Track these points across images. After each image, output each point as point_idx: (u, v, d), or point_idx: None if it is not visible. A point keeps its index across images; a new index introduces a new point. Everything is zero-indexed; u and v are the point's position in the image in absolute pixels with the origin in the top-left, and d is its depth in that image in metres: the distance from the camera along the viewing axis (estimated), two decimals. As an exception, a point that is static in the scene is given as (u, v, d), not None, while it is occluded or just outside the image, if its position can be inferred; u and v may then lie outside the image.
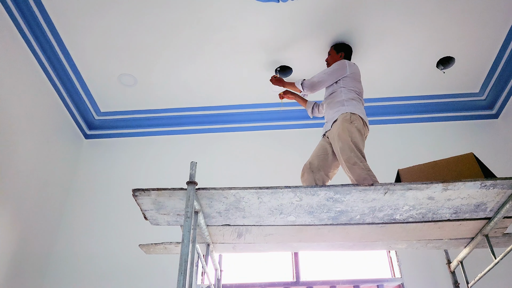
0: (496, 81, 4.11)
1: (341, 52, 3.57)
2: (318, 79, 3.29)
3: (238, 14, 3.51)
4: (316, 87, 3.30)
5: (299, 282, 3.59)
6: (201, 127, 4.58)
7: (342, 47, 3.62)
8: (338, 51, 3.59)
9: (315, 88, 3.31)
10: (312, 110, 3.57)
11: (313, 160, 3.04)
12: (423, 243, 2.80)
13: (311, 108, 3.58)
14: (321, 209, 2.37)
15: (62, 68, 3.95)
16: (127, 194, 3.59)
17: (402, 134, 4.37)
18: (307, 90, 3.35)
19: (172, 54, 3.88)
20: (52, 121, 4.04)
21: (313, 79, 3.31)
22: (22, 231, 3.52)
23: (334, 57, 3.56)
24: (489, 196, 2.27)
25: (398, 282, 3.53)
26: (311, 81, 3.31)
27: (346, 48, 3.64)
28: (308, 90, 3.34)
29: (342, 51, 3.58)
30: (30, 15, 3.46)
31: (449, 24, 3.61)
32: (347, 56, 3.59)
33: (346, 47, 3.66)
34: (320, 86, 3.29)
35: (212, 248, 2.76)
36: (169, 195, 2.20)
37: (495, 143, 4.17)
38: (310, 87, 3.32)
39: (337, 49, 3.60)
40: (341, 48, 3.61)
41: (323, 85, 3.29)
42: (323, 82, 3.27)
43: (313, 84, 3.30)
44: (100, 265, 3.74)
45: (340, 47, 3.62)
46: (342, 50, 3.59)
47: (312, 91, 3.35)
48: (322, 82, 3.28)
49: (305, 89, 3.35)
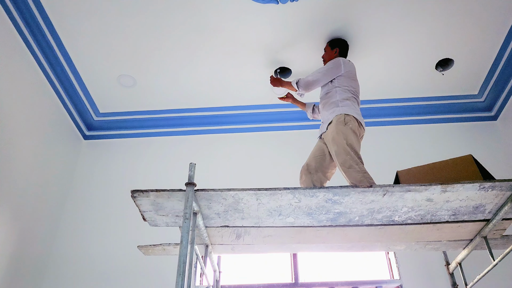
0: (495, 83, 4.12)
1: (336, 47, 3.53)
2: (313, 78, 3.28)
3: (237, 15, 3.51)
4: (311, 86, 3.29)
5: (297, 283, 3.59)
6: (200, 128, 4.58)
7: (336, 43, 3.57)
8: (333, 47, 3.54)
9: (310, 87, 3.31)
10: (312, 112, 3.57)
11: (310, 162, 3.04)
12: (421, 245, 2.80)
13: (311, 110, 3.57)
14: (320, 211, 2.37)
15: (61, 69, 3.94)
16: (125, 195, 3.58)
17: (401, 136, 4.37)
18: (302, 89, 3.34)
19: (171, 55, 3.88)
20: (51, 122, 4.04)
21: (308, 78, 3.31)
22: (21, 232, 3.52)
23: (329, 54, 3.53)
24: (488, 198, 2.27)
25: (396, 283, 3.53)
26: (306, 80, 3.30)
27: (341, 43, 3.59)
28: (303, 89, 3.33)
29: (336, 46, 3.53)
30: (30, 16, 3.46)
31: (448, 26, 3.61)
32: (342, 52, 3.53)
33: (341, 42, 3.60)
34: (315, 85, 3.29)
35: (210, 249, 2.76)
36: (167, 196, 2.20)
37: (493, 145, 4.18)
38: (305, 86, 3.31)
39: (332, 45, 3.56)
40: (335, 44, 3.56)
41: (318, 84, 3.28)
42: (318, 81, 3.26)
43: (308, 83, 3.29)
44: (99, 266, 3.73)
45: (334, 42, 3.57)
46: (337, 45, 3.54)
47: (307, 90, 3.34)
48: (317, 81, 3.27)
49: (300, 88, 3.34)
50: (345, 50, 3.60)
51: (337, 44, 3.56)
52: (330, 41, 3.63)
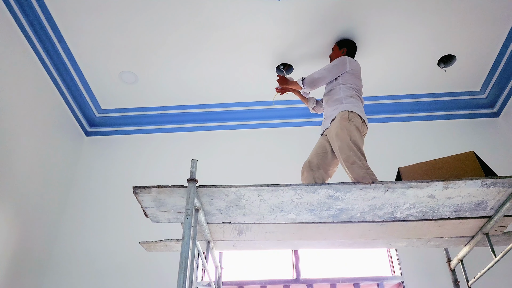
0: (497, 80, 4.10)
1: (344, 48, 3.59)
2: (318, 75, 3.28)
3: (239, 12, 3.51)
4: (316, 83, 3.29)
5: (299, 279, 3.60)
6: (202, 124, 4.59)
7: (345, 43, 3.63)
8: (341, 47, 3.60)
9: (315, 85, 3.31)
10: (313, 106, 3.57)
11: (312, 159, 3.04)
12: (423, 241, 2.80)
13: (312, 104, 3.57)
14: (321, 207, 2.37)
15: (63, 65, 3.95)
16: (127, 191, 3.60)
17: (403, 132, 4.37)
18: (307, 87, 3.34)
19: (173, 52, 3.88)
20: (53, 118, 4.04)
21: (313, 75, 3.31)
22: (22, 228, 3.53)
23: (336, 53, 3.58)
24: (490, 194, 2.26)
25: (398, 280, 3.54)
26: (312, 77, 3.30)
27: (349, 44, 3.64)
28: (309, 86, 3.33)
29: (344, 47, 3.59)
30: (32, 13, 3.46)
31: (450, 22, 3.60)
32: (350, 52, 3.58)
33: (350, 43, 3.65)
34: (321, 82, 3.29)
35: (212, 246, 2.76)
36: (169, 192, 2.20)
37: (496, 142, 4.17)
38: (310, 83, 3.31)
39: (340, 45, 3.62)
40: (344, 44, 3.62)
41: (323, 81, 3.28)
42: (323, 78, 3.26)
43: (313, 80, 3.29)
44: (101, 262, 3.74)
45: (343, 43, 3.64)
46: (345, 46, 3.60)
47: (313, 88, 3.34)
48: (322, 79, 3.27)
49: (306, 86, 3.34)
50: (353, 51, 3.64)
51: (345, 44, 3.62)
52: (338, 41, 3.68)
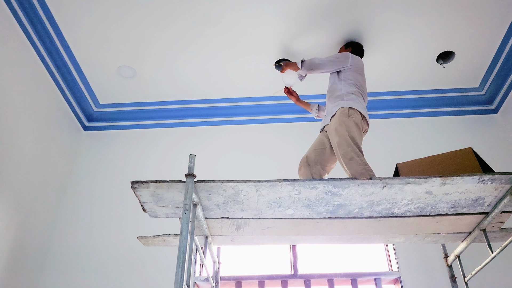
0: (496, 76, 4.10)
1: (349, 47, 3.65)
2: (318, 61, 3.27)
3: (238, 6, 3.49)
4: (314, 68, 3.27)
5: (296, 275, 3.61)
6: (200, 119, 4.58)
7: (351, 43, 3.71)
8: (347, 46, 3.68)
9: (312, 69, 3.28)
10: (318, 111, 3.50)
11: (310, 154, 3.04)
12: (420, 237, 2.81)
13: (315, 110, 3.50)
14: (319, 203, 2.38)
15: (61, 60, 3.93)
16: (125, 186, 3.59)
17: (401, 128, 4.37)
18: (304, 69, 3.30)
19: (171, 46, 3.86)
20: (51, 113, 4.03)
21: (314, 60, 3.29)
22: (20, 223, 3.53)
23: (341, 51, 3.65)
24: (487, 190, 2.27)
25: (395, 275, 3.55)
26: (312, 61, 3.29)
27: (356, 45, 3.70)
28: (306, 69, 3.30)
29: (350, 46, 3.66)
30: (30, 7, 3.44)
31: (449, 18, 3.59)
32: (355, 52, 3.61)
33: (356, 44, 3.71)
34: (319, 68, 3.27)
35: (210, 241, 2.77)
36: (167, 187, 2.20)
37: (494, 138, 4.17)
38: (309, 66, 3.28)
39: (347, 45, 3.70)
40: (350, 44, 3.70)
41: (321, 68, 3.26)
42: (322, 65, 3.25)
43: (312, 64, 3.28)
44: (99, 257, 3.74)
45: (350, 43, 3.72)
46: (351, 45, 3.67)
47: (309, 72, 3.31)
48: (321, 66, 3.26)
49: (304, 67, 3.30)
50: (359, 52, 3.67)
51: (352, 44, 3.69)
52: (346, 43, 3.75)
